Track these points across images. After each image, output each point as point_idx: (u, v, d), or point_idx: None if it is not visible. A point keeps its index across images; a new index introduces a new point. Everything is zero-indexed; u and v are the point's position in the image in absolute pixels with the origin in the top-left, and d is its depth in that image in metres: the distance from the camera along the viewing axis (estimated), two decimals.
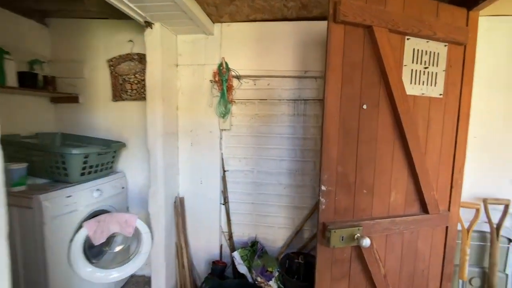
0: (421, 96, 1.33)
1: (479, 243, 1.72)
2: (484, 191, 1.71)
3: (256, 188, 2.17)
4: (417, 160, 1.31)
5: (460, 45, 1.36)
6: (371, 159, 1.27)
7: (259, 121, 2.11)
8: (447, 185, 1.45)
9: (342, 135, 1.21)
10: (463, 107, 1.41)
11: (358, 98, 1.22)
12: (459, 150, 1.43)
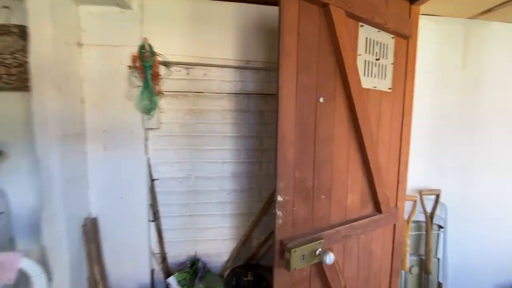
0: (373, 89, 1.24)
1: (416, 233, 1.81)
2: (419, 183, 1.81)
3: (194, 197, 1.83)
4: (372, 158, 1.22)
5: (405, 38, 1.33)
6: (328, 159, 1.11)
7: (195, 118, 1.77)
8: (395, 181, 1.43)
9: (299, 134, 1.00)
10: (407, 102, 1.39)
11: (314, 89, 1.03)
12: (404, 144, 1.42)
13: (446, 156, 1.84)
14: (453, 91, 1.81)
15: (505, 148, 1.91)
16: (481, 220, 1.93)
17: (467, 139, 1.85)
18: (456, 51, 1.78)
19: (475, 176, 1.89)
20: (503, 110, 1.88)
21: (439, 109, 1.80)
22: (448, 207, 1.83)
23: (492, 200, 1.93)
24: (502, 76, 1.85)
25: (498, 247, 1.99)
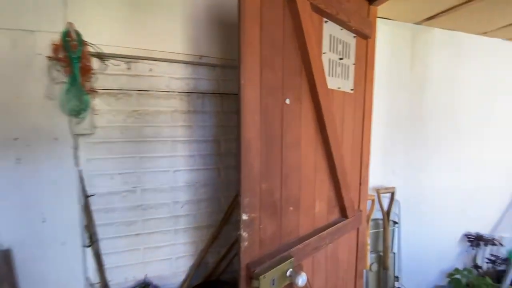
0: (337, 90, 1.18)
1: (374, 231, 1.86)
2: (376, 182, 1.86)
3: (141, 213, 1.57)
4: (338, 163, 1.16)
5: (365, 38, 1.31)
6: (296, 167, 1.01)
7: (140, 120, 1.52)
8: (357, 183, 1.41)
9: (265, 141, 0.87)
10: (367, 103, 1.38)
11: (280, 89, 0.91)
12: (365, 146, 1.41)
13: (398, 154, 1.92)
14: (403, 92, 1.90)
15: (446, 144, 2.09)
16: (428, 212, 2.09)
17: (415, 137, 1.97)
18: (405, 54, 1.87)
19: (422, 172, 2.02)
20: (445, 110, 2.05)
21: (391, 109, 1.87)
22: (401, 203, 1.92)
23: (437, 193, 2.10)
24: (443, 79, 2.01)
25: (442, 236, 2.18)
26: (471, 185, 2.23)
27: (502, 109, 2.27)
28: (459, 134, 2.13)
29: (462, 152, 2.16)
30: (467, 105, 2.13)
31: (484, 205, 2.32)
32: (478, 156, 2.22)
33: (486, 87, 2.17)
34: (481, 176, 2.26)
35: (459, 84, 2.08)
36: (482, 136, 2.22)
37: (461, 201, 2.21)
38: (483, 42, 2.12)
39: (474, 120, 2.17)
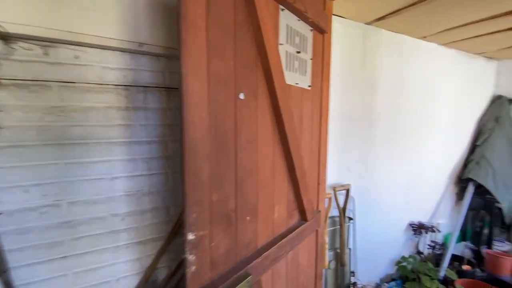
0: (295, 86, 1.10)
1: (331, 228, 1.86)
2: (332, 180, 1.86)
3: (69, 231, 1.29)
4: (297, 163, 1.09)
5: (321, 33, 1.26)
6: (252, 170, 0.89)
7: (64, 118, 1.24)
8: (316, 184, 1.36)
9: (215, 141, 0.74)
10: (324, 101, 1.34)
11: (233, 81, 0.78)
12: (323, 145, 1.37)
13: (352, 151, 1.96)
14: (356, 90, 1.93)
15: (393, 142, 2.20)
16: (378, 206, 2.18)
17: (367, 135, 2.03)
18: (357, 53, 1.90)
19: (373, 168, 2.10)
20: (391, 110, 2.15)
21: (345, 107, 1.89)
22: (355, 199, 1.96)
23: (385, 187, 2.21)
24: (390, 79, 2.11)
25: (391, 227, 2.32)
26: (413, 179, 2.41)
27: (437, 111, 2.49)
28: (403, 133, 2.27)
29: (406, 149, 2.31)
30: (409, 106, 2.28)
31: (424, 196, 2.54)
32: (418, 153, 2.41)
33: (424, 89, 2.36)
34: (421, 170, 2.46)
35: (403, 85, 2.21)
36: (422, 135, 2.41)
37: (405, 194, 2.38)
38: (422, 46, 2.29)
39: (415, 120, 2.34)
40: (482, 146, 2.74)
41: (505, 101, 2.90)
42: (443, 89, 2.51)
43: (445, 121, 2.58)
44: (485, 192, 2.56)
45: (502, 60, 2.96)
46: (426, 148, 2.47)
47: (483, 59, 2.85)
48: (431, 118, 2.46)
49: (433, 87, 2.43)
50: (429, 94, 2.41)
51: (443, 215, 2.75)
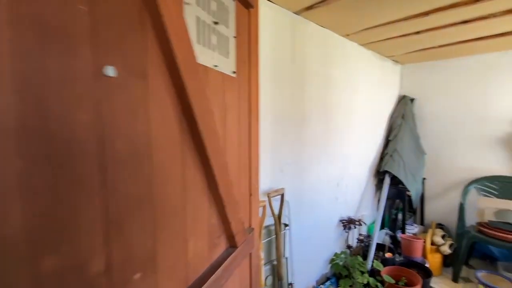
0: (214, 69, 0.80)
1: (266, 240, 1.66)
2: (265, 185, 1.65)
3: None
4: (220, 173, 0.80)
5: (246, 7, 1.00)
6: (143, 196, 0.56)
7: None
8: (247, 195, 1.11)
9: (40, 156, 0.38)
10: (253, 93, 1.09)
11: (87, 43, 0.43)
12: (254, 146, 1.13)
13: (285, 151, 1.80)
14: (287, 85, 1.77)
15: (322, 139, 2.16)
16: (311, 205, 2.10)
17: (298, 132, 1.91)
18: (286, 45, 1.75)
19: (306, 167, 2.00)
20: (320, 107, 2.09)
21: (276, 103, 1.70)
22: (290, 203, 1.81)
23: (317, 186, 2.15)
24: (318, 75, 2.04)
25: (324, 226, 2.29)
26: (341, 175, 2.45)
27: (359, 108, 2.60)
28: (332, 130, 2.26)
29: (334, 145, 2.31)
30: (337, 103, 2.28)
31: (351, 191, 2.63)
32: (345, 148, 2.46)
33: (349, 87, 2.41)
34: (347, 165, 2.52)
35: (331, 82, 2.19)
36: (347, 131, 2.47)
37: (335, 190, 2.39)
38: (346, 44, 2.32)
39: (342, 117, 2.37)
40: (394, 141, 3.02)
41: (408, 100, 3.30)
42: (362, 87, 2.63)
43: (365, 118, 2.72)
44: (398, 182, 2.82)
45: (405, 64, 3.35)
46: (351, 144, 2.54)
47: (391, 62, 3.15)
48: (354, 115, 2.55)
49: (355, 85, 2.51)
50: (352, 92, 2.48)
51: (366, 206, 2.92)
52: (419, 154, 3.15)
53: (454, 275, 2.52)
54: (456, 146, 3.03)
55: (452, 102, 3.05)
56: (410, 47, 2.61)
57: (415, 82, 3.32)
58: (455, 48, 2.57)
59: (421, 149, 3.18)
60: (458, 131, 3.01)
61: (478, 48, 2.58)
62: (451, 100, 3.05)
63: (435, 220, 3.15)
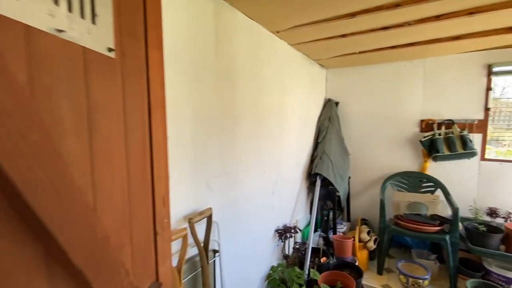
0: (56, 37, 0.44)
1: (189, 276, 1.31)
2: (184, 208, 1.30)
3: None
4: (77, 236, 0.44)
5: None
6: None
7: None
8: (149, 236, 0.76)
9: None
10: (155, 85, 0.76)
11: None
12: (160, 163, 0.79)
13: (213, 161, 1.49)
14: (211, 82, 1.47)
15: (256, 143, 1.94)
16: (246, 221, 1.86)
17: (228, 138, 1.63)
18: (208, 34, 1.45)
19: (237, 178, 1.74)
20: (252, 109, 1.87)
21: (199, 104, 1.38)
22: (220, 224, 1.51)
23: (252, 197, 1.92)
24: (249, 73, 1.81)
25: (260, 240, 2.07)
26: (276, 181, 2.29)
27: (290, 110, 2.51)
28: (265, 134, 2.07)
29: (268, 151, 2.13)
30: (269, 105, 2.11)
31: (286, 196, 2.50)
32: (279, 153, 2.31)
33: (280, 88, 2.27)
34: (281, 170, 2.38)
35: (263, 82, 2.00)
36: (280, 135, 2.33)
37: (270, 199, 2.21)
38: (276, 43, 2.17)
39: (275, 120, 2.21)
40: (322, 143, 3.07)
41: (333, 103, 3.43)
42: (293, 90, 2.55)
43: (296, 121, 2.65)
44: (329, 183, 2.86)
45: (329, 68, 3.48)
46: (283, 147, 2.42)
47: (318, 66, 3.21)
48: (286, 118, 2.43)
49: (286, 87, 2.40)
50: (284, 93, 2.36)
51: (300, 210, 2.87)
52: (345, 155, 3.29)
53: (379, 268, 2.68)
54: (375, 146, 3.29)
55: (370, 106, 3.29)
56: (335, 51, 2.66)
57: (338, 86, 3.48)
58: (372, 55, 2.75)
59: (346, 150, 3.34)
60: (376, 133, 3.27)
61: (390, 56, 2.81)
62: (370, 104, 3.29)
63: (360, 215, 3.35)
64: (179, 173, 1.24)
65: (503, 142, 2.86)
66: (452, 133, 2.79)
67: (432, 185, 2.91)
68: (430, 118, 2.96)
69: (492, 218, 2.58)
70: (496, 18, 1.80)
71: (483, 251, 2.26)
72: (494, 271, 2.26)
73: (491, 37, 2.20)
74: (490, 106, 2.71)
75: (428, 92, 2.96)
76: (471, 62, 2.73)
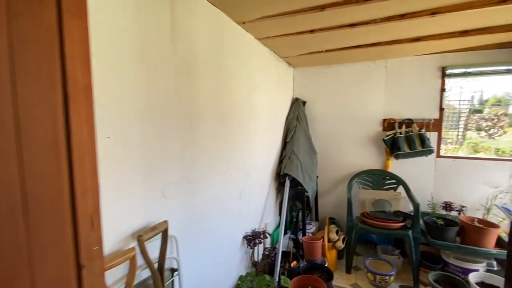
0: None
1: None
2: (132, 223, 1.08)
3: None
4: None
5: None
6: None
7: None
8: (69, 273, 0.55)
9: None
10: (75, 66, 0.55)
11: None
12: (83, 171, 0.58)
13: (168, 167, 1.28)
14: (167, 72, 1.26)
15: (222, 143, 1.77)
16: (210, 231, 1.67)
17: (188, 138, 1.43)
18: (162, 17, 1.24)
19: (199, 184, 1.55)
20: (215, 106, 1.69)
21: (151, 97, 1.17)
22: (178, 238, 1.31)
23: (217, 203, 1.74)
24: (211, 65, 1.63)
25: (227, 250, 1.90)
26: (243, 184, 2.14)
27: (259, 109, 2.38)
28: (231, 133, 1.91)
29: (235, 151, 1.97)
30: (235, 101, 1.95)
31: (254, 200, 2.37)
32: (247, 154, 2.17)
33: (248, 84, 2.13)
34: (249, 172, 2.24)
35: (228, 76, 1.83)
36: (248, 134, 2.19)
37: (238, 205, 2.05)
38: (242, 35, 2.02)
39: (242, 118, 2.06)
40: (290, 142, 3.01)
41: (300, 102, 3.39)
42: (262, 87, 2.43)
43: (265, 120, 2.54)
44: (298, 184, 2.79)
45: (296, 67, 3.44)
46: (252, 148, 2.28)
47: (286, 64, 3.14)
48: (254, 116, 2.30)
49: (254, 84, 2.26)
50: (252, 90, 2.22)
51: (269, 213, 2.76)
52: (313, 154, 3.27)
53: (347, 267, 2.68)
54: (341, 145, 3.32)
55: (336, 105, 3.31)
56: (302, 48, 2.59)
57: (305, 85, 3.45)
58: (338, 54, 2.74)
59: (314, 150, 3.32)
60: (342, 132, 3.30)
61: (355, 56, 2.84)
62: (335, 103, 3.31)
63: (327, 214, 3.36)
64: (126, 182, 1.02)
65: (447, 140, 3.05)
66: (411, 131, 2.91)
67: (394, 182, 3.01)
68: (392, 117, 3.06)
69: (447, 211, 2.73)
70: (453, 20, 1.87)
71: (442, 244, 2.36)
72: (452, 262, 2.38)
73: (445, 40, 2.31)
74: (444, 107, 2.87)
75: (390, 92, 3.06)
76: (428, 64, 2.87)
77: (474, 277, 2.15)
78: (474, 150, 3.03)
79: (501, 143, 2.98)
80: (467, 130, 3.04)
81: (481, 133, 3.11)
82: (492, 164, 2.72)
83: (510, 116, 3.02)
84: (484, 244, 2.29)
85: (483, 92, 3.13)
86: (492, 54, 2.61)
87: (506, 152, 2.89)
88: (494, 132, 3.07)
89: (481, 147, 3.05)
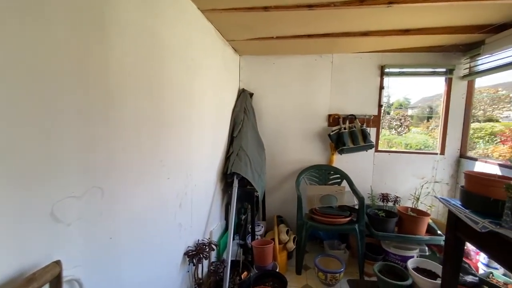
0: None
1: None
2: None
3: None
4: None
5: None
6: None
7: None
8: None
9: None
10: None
11: None
12: None
13: (64, 171, 0.82)
14: (57, 24, 0.79)
15: (154, 136, 1.33)
16: (142, 254, 1.24)
17: (100, 129, 0.98)
18: None
19: (118, 193, 1.10)
20: (143, 81, 1.25)
21: (30, 63, 0.69)
22: (84, 281, 0.86)
23: (146, 218, 1.31)
24: (137, 32, 1.18)
25: (164, 272, 1.48)
26: (183, 189, 1.74)
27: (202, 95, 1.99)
28: (165, 124, 1.48)
29: (170, 147, 1.56)
30: (168, 83, 1.53)
31: (198, 206, 1.98)
32: (185, 149, 1.77)
33: (187, 63, 1.72)
34: (192, 173, 1.85)
35: (160, 50, 1.40)
36: (190, 126, 1.79)
37: (177, 215, 1.65)
38: (182, 5, 1.60)
39: (180, 105, 1.65)
40: (238, 137, 2.71)
41: (247, 94, 3.12)
42: (206, 70, 2.04)
43: (210, 109, 2.16)
44: (247, 183, 2.52)
45: (243, 55, 3.14)
46: (195, 143, 1.89)
47: (232, 50, 2.81)
48: (197, 105, 1.90)
49: (197, 65, 1.86)
50: (193, 73, 1.81)
51: (215, 219, 2.41)
52: (261, 150, 3.05)
53: (297, 267, 2.56)
54: (288, 140, 3.19)
55: (283, 99, 3.16)
56: (252, 31, 2.31)
57: (252, 76, 3.20)
58: (288, 43, 2.56)
59: (262, 145, 3.10)
60: (289, 126, 3.17)
61: (305, 46, 2.71)
62: (282, 96, 3.16)
63: (275, 213, 3.21)
64: None
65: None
66: (355, 127, 2.96)
67: (338, 176, 3.03)
68: (337, 113, 3.07)
69: (384, 203, 2.88)
70: (404, 13, 1.86)
71: (384, 235, 2.45)
72: (391, 251, 2.49)
73: (388, 37, 2.35)
74: (382, 104, 3.01)
75: (335, 87, 3.06)
76: (369, 62, 2.96)
77: (411, 263, 2.27)
78: (388, 146, 3.30)
79: (408, 139, 3.35)
80: (382, 128, 3.28)
81: (392, 131, 3.44)
82: (419, 158, 2.99)
83: (412, 117, 3.45)
84: (418, 232, 2.46)
85: (409, 93, 3.47)
86: (423, 57, 2.83)
87: (413, 147, 3.25)
88: (401, 130, 3.44)
89: (394, 142, 3.36)
